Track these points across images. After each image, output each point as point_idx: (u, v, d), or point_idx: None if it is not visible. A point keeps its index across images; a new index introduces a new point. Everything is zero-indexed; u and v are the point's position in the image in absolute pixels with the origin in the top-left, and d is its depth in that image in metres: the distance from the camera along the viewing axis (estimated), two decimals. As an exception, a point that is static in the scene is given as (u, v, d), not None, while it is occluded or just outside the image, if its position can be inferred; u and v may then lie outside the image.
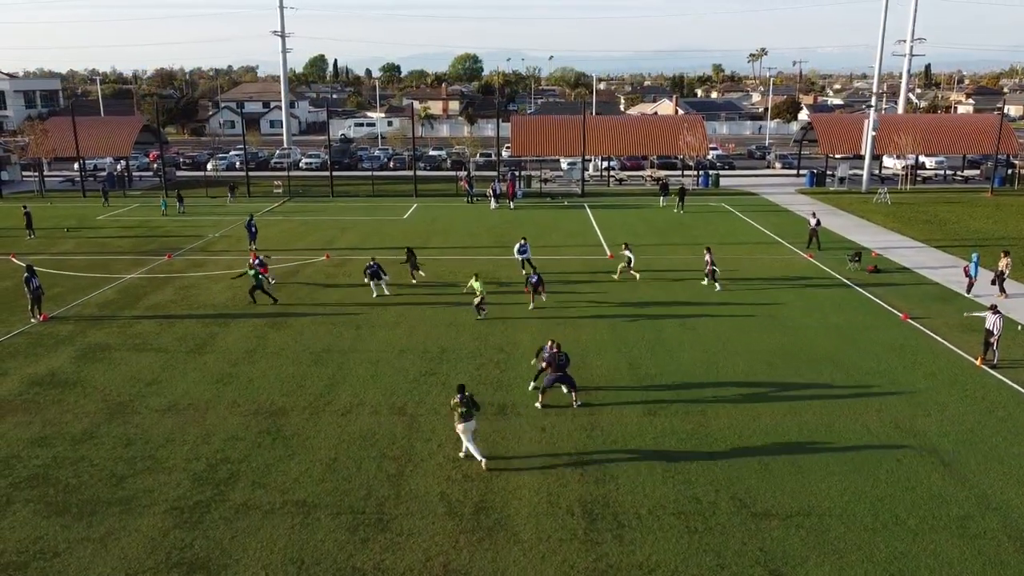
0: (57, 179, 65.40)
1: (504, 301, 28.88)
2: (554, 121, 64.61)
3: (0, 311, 28.15)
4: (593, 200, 54.48)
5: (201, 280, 32.44)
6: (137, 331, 25.75)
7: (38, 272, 27.56)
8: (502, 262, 35.14)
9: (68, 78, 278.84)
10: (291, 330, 25.69)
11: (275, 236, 41.32)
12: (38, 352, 23.83)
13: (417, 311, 27.77)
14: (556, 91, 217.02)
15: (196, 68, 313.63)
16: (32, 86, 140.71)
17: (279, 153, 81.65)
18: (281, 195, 56.62)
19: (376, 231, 43.13)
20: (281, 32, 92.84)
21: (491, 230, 43.05)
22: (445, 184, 60.09)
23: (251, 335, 25.21)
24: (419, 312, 27.62)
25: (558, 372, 19.52)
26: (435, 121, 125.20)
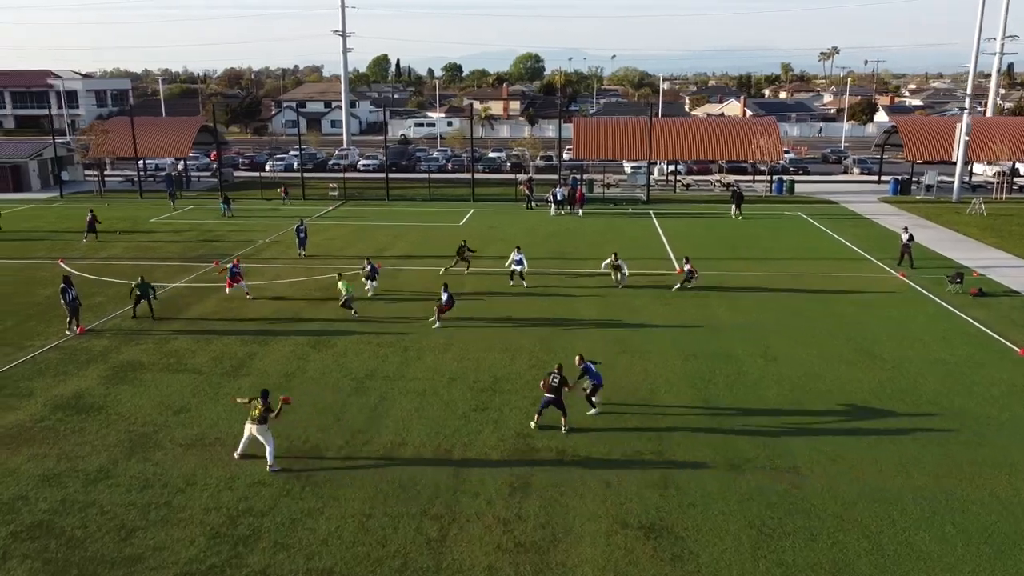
0: (117, 179, 65.41)
1: (569, 320, 26.52)
2: (618, 123, 61.89)
3: (39, 321, 27.04)
4: (659, 207, 51.62)
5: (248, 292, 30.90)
6: (173, 348, 24.22)
7: (83, 279, 26.49)
8: (565, 276, 32.75)
9: (142, 77, 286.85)
10: (334, 351, 23.81)
11: (325, 242, 39.74)
12: (68, 370, 22.45)
13: (470, 332, 25.61)
14: (618, 91, 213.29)
15: (264, 68, 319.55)
16: (103, 85, 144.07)
17: (337, 154, 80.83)
18: (336, 198, 55.30)
19: (430, 238, 41.21)
20: (342, 31, 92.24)
21: (551, 239, 40.70)
22: (504, 188, 57.99)
23: (291, 356, 23.42)
24: (472, 333, 25.46)
25: (551, 394, 18.21)
26: (495, 122, 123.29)
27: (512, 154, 78.44)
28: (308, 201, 54.32)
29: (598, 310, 28.08)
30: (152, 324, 26.55)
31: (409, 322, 26.66)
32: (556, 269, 33.87)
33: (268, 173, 70.30)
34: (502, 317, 27.17)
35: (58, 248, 38.98)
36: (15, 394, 20.69)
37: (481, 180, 60.66)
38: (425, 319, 26.70)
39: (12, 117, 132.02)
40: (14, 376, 21.99)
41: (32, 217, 48.43)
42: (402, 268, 34.45)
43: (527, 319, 26.95)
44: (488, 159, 76.42)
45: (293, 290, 30.89)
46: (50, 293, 30.45)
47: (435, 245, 39.37)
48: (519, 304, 28.57)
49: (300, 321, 26.92)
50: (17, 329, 26.19)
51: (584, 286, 31.21)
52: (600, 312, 27.86)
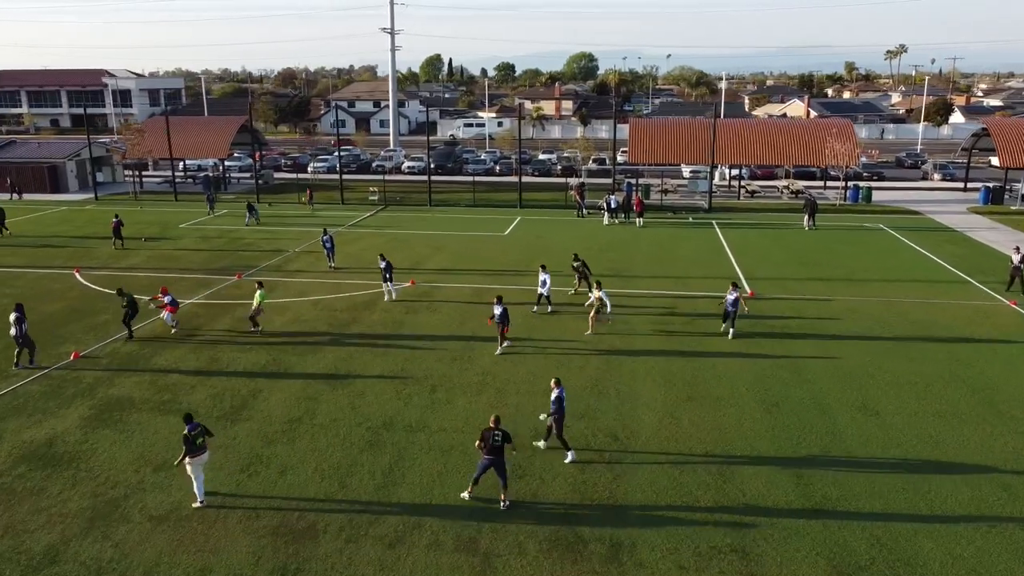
0: (156, 181, 63.61)
1: (625, 351, 22.80)
2: (677, 124, 57.70)
3: (38, 340, 24.32)
4: (722, 216, 47.37)
5: (267, 310, 27.87)
6: (170, 382, 21.23)
7: (95, 293, 23.84)
8: (620, 297, 28.99)
9: (202, 77, 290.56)
10: (350, 390, 20.52)
11: (358, 253, 36.63)
12: (48, 408, 19.61)
13: (508, 367, 22.08)
14: (673, 91, 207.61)
15: (320, 68, 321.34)
16: (157, 85, 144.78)
17: (382, 155, 78.15)
18: (376, 203, 52.35)
19: (471, 250, 37.81)
20: (390, 29, 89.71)
21: (605, 252, 36.92)
22: (554, 193, 54.31)
23: (300, 395, 20.21)
24: (510, 368, 21.92)
25: (490, 456, 14.64)
26: (547, 122, 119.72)
27: (563, 156, 74.71)
28: (346, 206, 51.48)
29: (659, 341, 24.29)
30: (157, 349, 23.66)
31: (440, 350, 23.25)
32: (610, 288, 30.07)
33: (309, 175, 67.87)
34: (547, 346, 23.59)
35: (79, 255, 36.70)
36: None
37: (529, 184, 57.16)
38: (459, 341, 23.29)
39: (68, 116, 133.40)
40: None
41: (61, 220, 46.55)
42: (439, 284, 31.09)
43: (575, 350, 23.32)
44: (538, 162, 72.85)
45: (316, 311, 27.78)
46: (56, 309, 27.98)
47: (476, 257, 35.94)
48: (567, 329, 24.92)
49: (318, 347, 23.75)
50: (6, 352, 23.56)
51: (642, 308, 27.42)
52: (661, 343, 24.06)
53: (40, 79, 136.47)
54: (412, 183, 60.99)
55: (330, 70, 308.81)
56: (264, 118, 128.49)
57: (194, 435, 14.97)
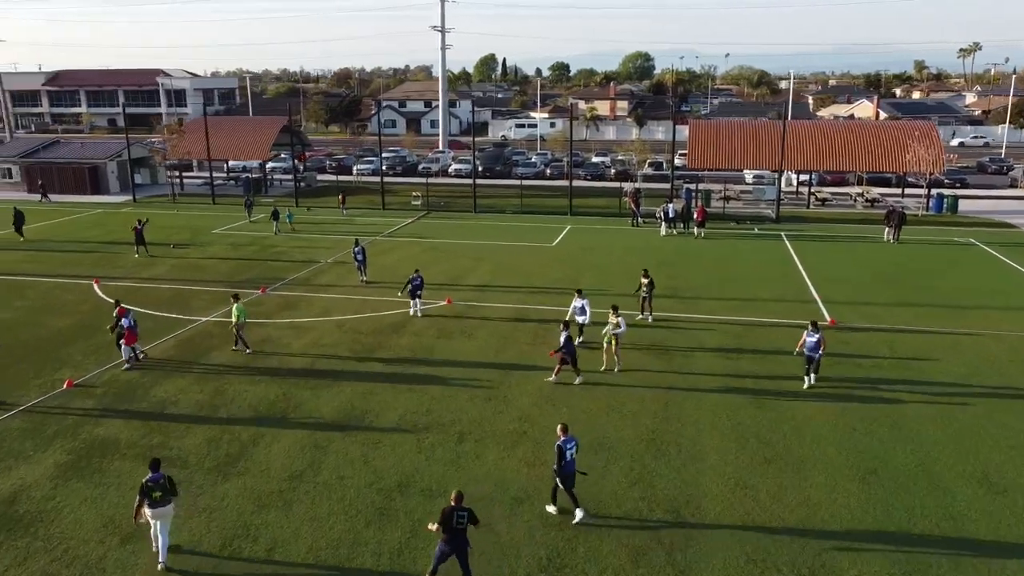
0: (197, 182, 62.05)
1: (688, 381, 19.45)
2: (740, 126, 53.80)
3: (34, 364, 22.20)
4: (791, 227, 43.40)
5: (284, 331, 25.33)
6: (165, 420, 18.68)
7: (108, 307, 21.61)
8: (680, 324, 25.62)
9: (262, 77, 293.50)
10: (364, 438, 17.66)
11: (393, 266, 33.89)
12: (23, 450, 17.21)
13: (552, 410, 18.95)
14: (732, 91, 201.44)
15: (376, 68, 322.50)
16: (211, 85, 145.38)
17: (429, 156, 75.65)
18: (418, 208, 49.70)
19: (515, 262, 34.76)
20: (441, 27, 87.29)
21: (662, 267, 33.42)
22: (606, 199, 50.92)
23: (306, 443, 17.41)
24: (555, 413, 18.78)
25: (451, 542, 11.89)
26: (601, 123, 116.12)
27: (617, 160, 71.14)
28: (387, 212, 48.92)
29: (725, 381, 20.88)
30: (155, 380, 21.19)
31: (473, 386, 20.26)
32: (669, 312, 26.73)
33: (353, 177, 65.78)
34: (595, 381, 20.39)
35: (102, 264, 34.81)
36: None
37: (581, 189, 53.90)
38: (497, 370, 20.27)
39: (124, 115, 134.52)
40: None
41: (94, 224, 45.03)
42: (476, 303, 28.13)
43: (625, 384, 20.07)
44: (590, 165, 69.48)
45: (339, 333, 25.07)
46: (66, 325, 25.86)
47: (519, 271, 32.87)
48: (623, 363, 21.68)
49: (336, 379, 20.98)
50: (1, 376, 21.42)
51: (705, 336, 24.01)
52: (728, 384, 20.66)
53: (99, 79, 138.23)
54: (458, 187, 58.18)
55: (386, 70, 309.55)
56: (315, 118, 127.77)
57: (150, 487, 12.79)
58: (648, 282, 25.25)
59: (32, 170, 56.42)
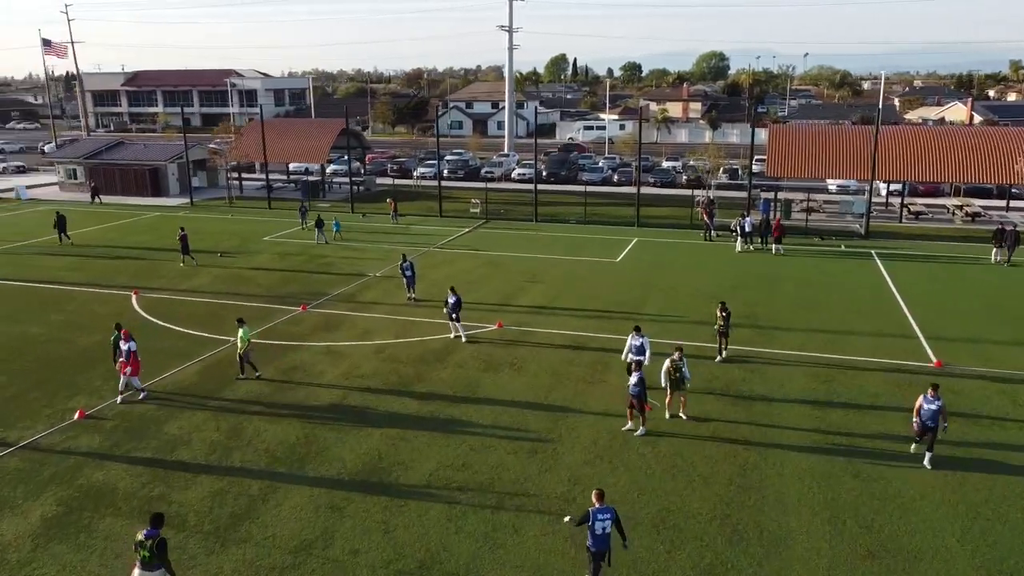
0: (256, 185, 61.07)
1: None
2: (825, 131, 49.75)
3: (48, 391, 20.65)
4: (882, 244, 39.43)
5: (318, 357, 23.25)
6: (170, 465, 16.69)
7: (142, 321, 19.96)
8: (758, 362, 22.51)
9: (336, 77, 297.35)
10: (387, 501, 15.26)
11: (443, 281, 31.50)
12: (13, 497, 15.43)
13: (607, 470, 16.24)
14: (811, 92, 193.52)
15: (448, 68, 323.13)
16: (282, 85, 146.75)
17: (492, 160, 73.39)
18: (477, 216, 47.41)
19: (575, 280, 32.04)
20: (509, 27, 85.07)
21: (737, 291, 30.28)
22: (677, 208, 47.65)
23: (321, 503, 15.13)
24: (610, 474, 16.06)
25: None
26: (672, 125, 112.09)
27: (689, 166, 67.52)
28: (444, 219, 46.76)
29: (814, 438, 17.77)
30: (170, 414, 19.31)
31: (518, 436, 17.69)
32: (746, 346, 23.62)
33: (412, 181, 64.04)
34: (660, 431, 17.58)
35: (145, 273, 33.55)
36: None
37: (650, 197, 50.73)
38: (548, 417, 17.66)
39: (199, 115, 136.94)
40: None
41: (148, 228, 44.19)
42: (530, 328, 25.54)
43: (695, 436, 17.18)
44: (660, 171, 66.08)
45: (377, 361, 22.83)
46: (92, 343, 24.37)
47: (579, 291, 30.15)
48: (692, 412, 18.77)
49: (365, 420, 18.71)
50: (9, 404, 19.86)
51: (788, 378, 20.88)
52: (816, 441, 17.56)
53: (175, 79, 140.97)
54: (521, 192, 55.59)
55: (457, 70, 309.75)
56: (382, 119, 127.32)
57: (140, 543, 11.54)
58: (726, 316, 22.16)
59: (95, 171, 56.37)
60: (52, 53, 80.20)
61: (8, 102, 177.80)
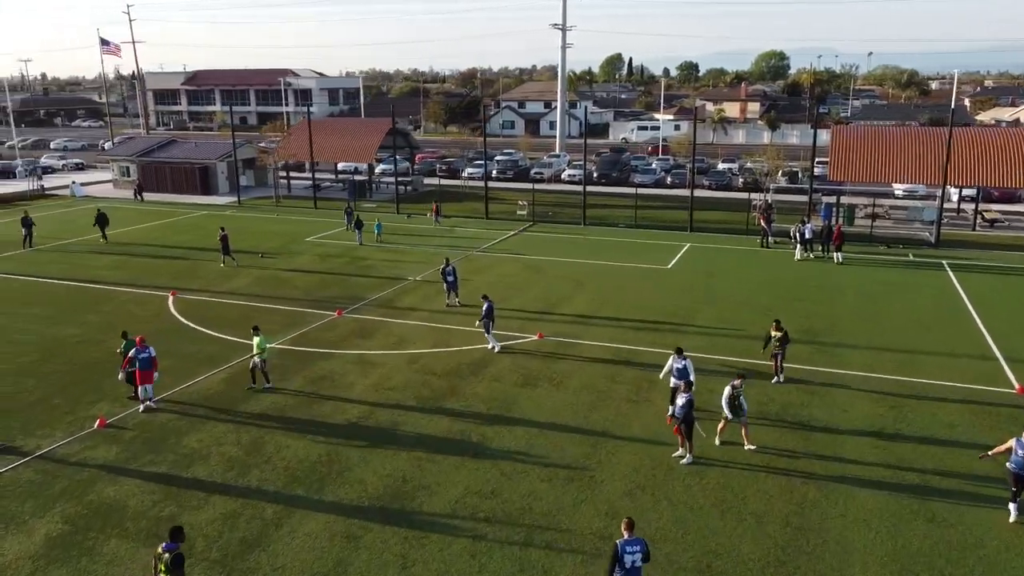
0: (303, 184, 60.76)
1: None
2: (892, 132, 47.10)
3: (71, 396, 20.11)
4: (954, 254, 36.92)
5: (349, 366, 22.29)
6: (184, 484, 15.84)
7: (176, 325, 19.56)
8: (819, 385, 20.78)
9: (392, 77, 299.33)
10: (408, 531, 14.11)
11: (484, 287, 30.31)
12: (21, 512, 14.75)
13: (651, 503, 14.83)
14: (875, 91, 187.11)
15: (503, 68, 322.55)
16: (336, 84, 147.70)
17: (542, 160, 72.03)
18: (524, 219, 46.16)
19: (622, 288, 30.54)
20: (562, 25, 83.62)
21: (796, 301, 28.46)
22: (733, 213, 45.64)
23: (337, 531, 14.06)
24: (653, 509, 14.64)
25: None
26: (729, 125, 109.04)
27: (746, 168, 65.15)
28: (490, 221, 45.63)
29: (880, 473, 16.06)
30: (192, 424, 18.52)
31: (553, 462, 16.38)
32: (805, 364, 21.88)
33: (460, 182, 63.13)
34: (708, 460, 16.07)
35: (184, 273, 33.20)
36: (-95, 564, 13.20)
37: (704, 200, 48.81)
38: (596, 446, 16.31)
39: (255, 114, 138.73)
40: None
41: (193, 227, 44.09)
42: (572, 340, 24.18)
43: (747, 467, 15.64)
44: (716, 173, 63.89)
45: (409, 372, 21.77)
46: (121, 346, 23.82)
47: (626, 300, 28.64)
48: (742, 440, 17.20)
49: (391, 438, 17.62)
50: (33, 408, 19.35)
51: (851, 402, 19.11)
52: (883, 477, 15.84)
53: (232, 79, 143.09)
54: (570, 194, 54.15)
55: (512, 70, 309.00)
56: (434, 118, 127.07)
57: (158, 556, 11.13)
58: (781, 335, 20.41)
59: (146, 169, 56.85)
60: (109, 52, 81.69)
61: (76, 100, 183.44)
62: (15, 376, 21.56)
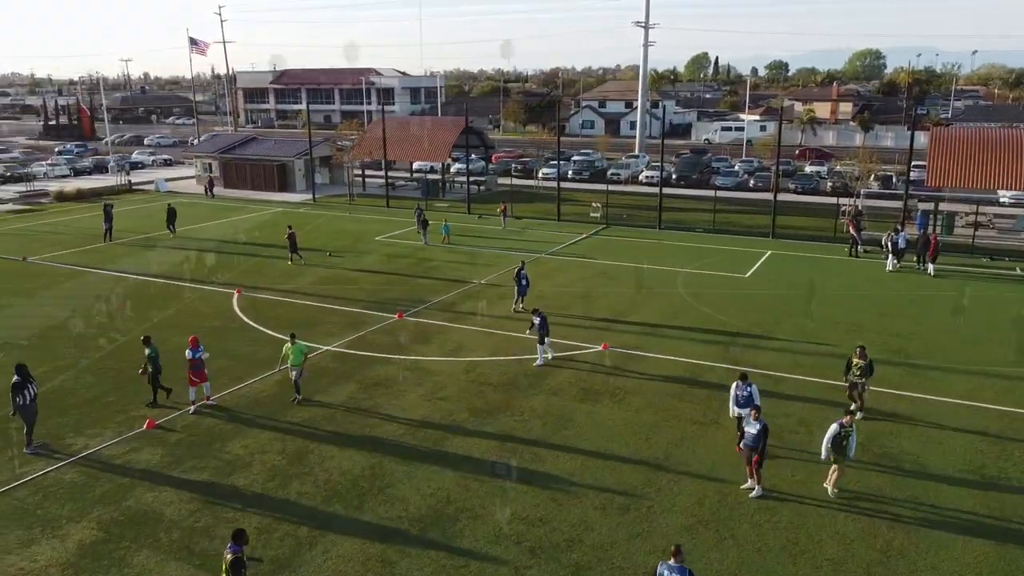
0: (378, 182, 60.78)
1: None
2: (998, 135, 43.62)
3: (127, 394, 19.98)
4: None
5: (405, 372, 21.54)
6: (222, 493, 15.31)
7: (239, 325, 19.46)
8: (908, 409, 18.85)
9: (477, 76, 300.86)
10: (447, 557, 13.15)
11: (552, 292, 29.29)
12: (58, 516, 14.46)
13: (714, 541, 13.46)
14: (979, 92, 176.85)
15: (587, 67, 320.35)
16: (418, 84, 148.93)
17: (620, 161, 70.28)
18: (597, 221, 44.77)
19: (696, 297, 28.87)
20: (645, 23, 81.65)
21: (885, 317, 26.29)
22: (819, 220, 43.05)
23: (372, 555, 13.22)
24: (716, 549, 13.28)
25: None
26: (819, 126, 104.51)
27: (835, 172, 61.89)
28: (561, 223, 44.40)
29: (981, 523, 14.21)
30: (237, 429, 18.07)
31: (608, 487, 15.15)
32: (895, 389, 19.94)
33: (534, 182, 62.10)
34: (779, 495, 14.54)
35: (252, 271, 33.28)
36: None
37: (789, 205, 46.29)
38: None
39: (339, 112, 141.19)
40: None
41: (266, 224, 44.44)
42: (637, 352, 22.80)
43: (823, 505, 14.04)
44: (802, 176, 60.94)
45: (464, 381, 20.86)
46: (183, 344, 23.67)
47: (700, 310, 27.01)
48: (815, 476, 15.56)
49: (438, 454, 16.72)
50: (88, 406, 19.29)
51: (945, 429, 17.18)
52: (985, 528, 14.00)
53: (318, 78, 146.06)
54: (648, 196, 52.30)
55: (595, 70, 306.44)
56: (514, 117, 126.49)
57: (224, 560, 11.28)
58: (865, 364, 18.43)
59: (227, 166, 57.96)
60: (197, 51, 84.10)
61: (172, 99, 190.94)
62: (76, 372, 21.68)
